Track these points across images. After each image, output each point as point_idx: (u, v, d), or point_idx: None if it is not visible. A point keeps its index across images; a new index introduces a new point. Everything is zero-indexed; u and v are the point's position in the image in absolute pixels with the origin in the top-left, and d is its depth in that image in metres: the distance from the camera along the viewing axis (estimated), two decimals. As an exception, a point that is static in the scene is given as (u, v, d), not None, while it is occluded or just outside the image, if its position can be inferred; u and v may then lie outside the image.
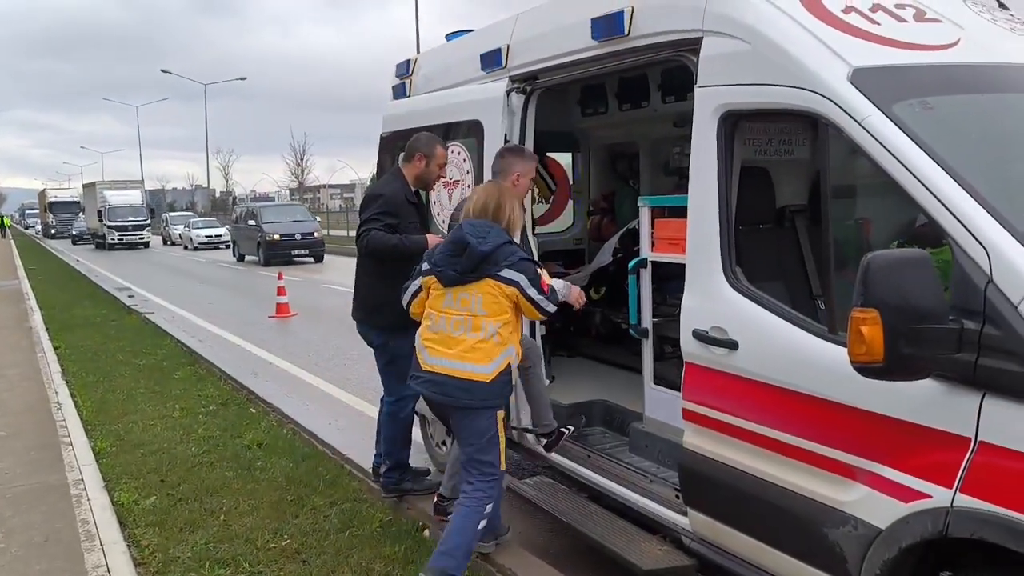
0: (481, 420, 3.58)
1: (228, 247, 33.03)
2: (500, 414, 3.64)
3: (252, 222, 27.42)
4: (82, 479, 5.26)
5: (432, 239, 4.32)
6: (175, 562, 4.15)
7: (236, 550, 4.26)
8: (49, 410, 7.09)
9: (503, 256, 3.49)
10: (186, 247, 38.89)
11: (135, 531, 4.52)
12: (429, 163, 4.68)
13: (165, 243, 44.53)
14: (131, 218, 40.31)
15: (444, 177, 4.85)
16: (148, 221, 41.57)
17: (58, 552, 4.21)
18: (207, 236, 37.98)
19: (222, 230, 38.30)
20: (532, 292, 3.51)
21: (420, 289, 3.70)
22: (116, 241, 39.58)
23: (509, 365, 3.55)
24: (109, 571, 4.00)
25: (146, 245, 40.48)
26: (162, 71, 50.44)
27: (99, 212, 40.61)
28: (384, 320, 4.58)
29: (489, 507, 3.63)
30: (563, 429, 4.30)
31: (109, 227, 39.80)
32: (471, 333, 3.50)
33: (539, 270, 3.61)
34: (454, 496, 4.01)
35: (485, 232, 3.51)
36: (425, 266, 3.67)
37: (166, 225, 46.03)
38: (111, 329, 12.32)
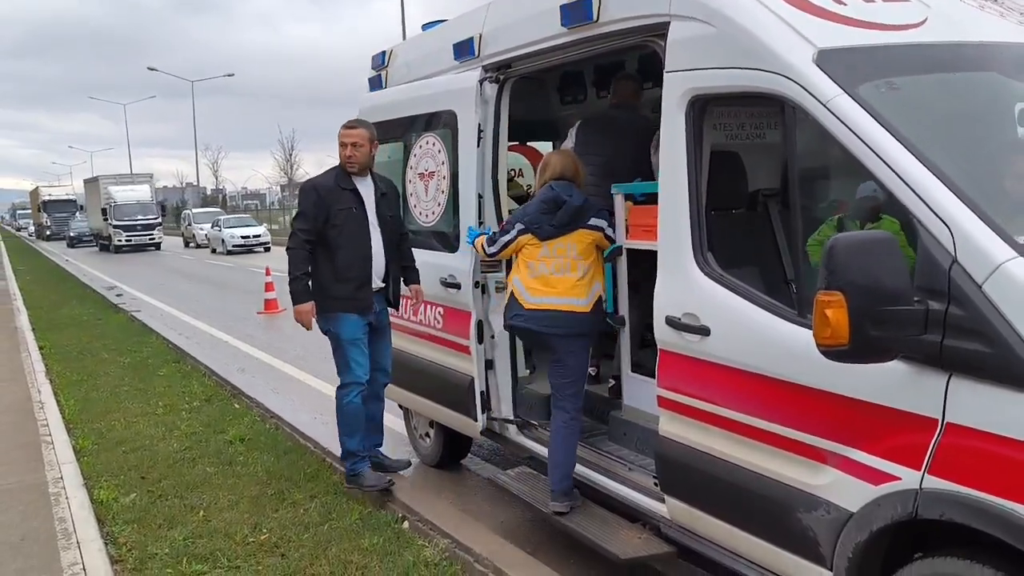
0: (581, 350, 4.11)
1: (268, 250, 30.05)
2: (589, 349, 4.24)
3: None
4: (61, 477, 5.23)
5: (306, 308, 4.70)
6: (152, 559, 4.12)
7: (215, 545, 4.23)
8: (31, 409, 7.05)
9: (589, 209, 4.09)
10: (215, 250, 33.14)
11: (113, 528, 4.50)
12: (341, 149, 4.80)
13: (187, 245, 39.23)
14: (140, 216, 36.23)
15: (349, 154, 4.77)
16: (159, 219, 37.59)
17: (34, 551, 4.17)
18: (243, 237, 32.00)
19: (260, 229, 33.53)
20: (610, 232, 4.10)
21: (512, 241, 4.15)
22: (123, 242, 35.62)
23: (600, 297, 4.08)
24: (85, 569, 3.97)
25: (157, 247, 36.82)
26: (149, 68, 49.69)
27: (103, 210, 36.81)
28: (320, 305, 4.78)
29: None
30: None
31: (116, 227, 35.86)
32: (570, 274, 4.05)
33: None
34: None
35: (571, 192, 4.08)
36: (520, 226, 4.13)
37: (188, 224, 40.16)
38: (97, 328, 12.26)
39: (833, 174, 3.20)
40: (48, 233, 53.15)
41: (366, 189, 4.85)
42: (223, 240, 32.24)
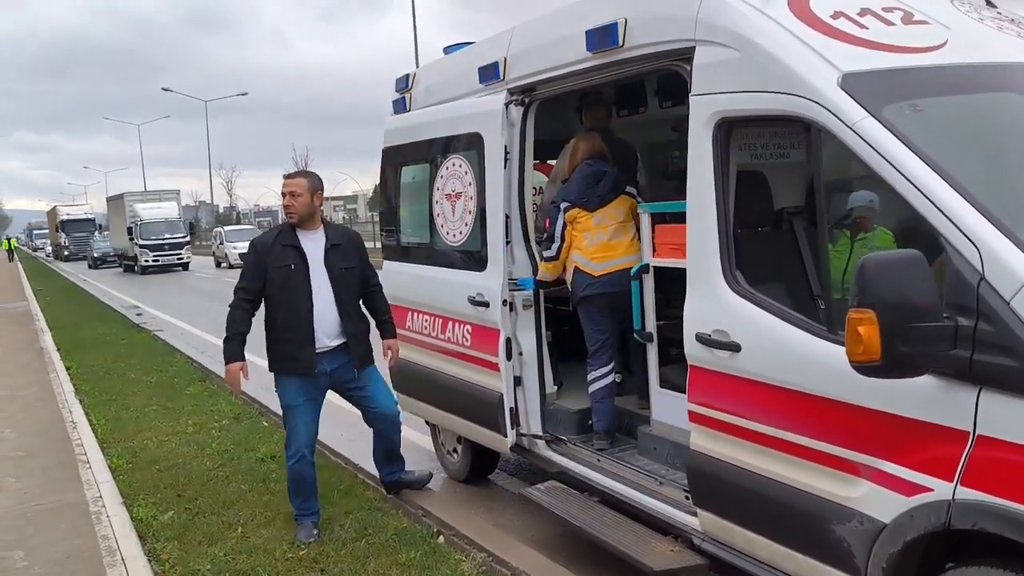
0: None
1: None
2: None
3: None
4: (100, 496, 5.34)
5: (233, 369, 4.59)
6: (196, 574, 4.23)
7: (255, 561, 4.33)
8: (64, 429, 7.19)
9: (621, 179, 4.62)
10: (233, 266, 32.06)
11: (155, 545, 4.61)
12: (283, 199, 4.69)
13: (219, 265, 36.67)
14: (167, 235, 34.93)
15: (292, 206, 4.61)
16: (187, 238, 36.34)
17: (80, 568, 4.29)
18: None
19: None
20: (639, 199, 4.57)
21: (562, 226, 4.56)
22: (150, 262, 34.22)
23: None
24: (131, 586, 4.08)
25: (185, 267, 35.51)
26: (164, 89, 50.25)
27: (129, 229, 35.28)
28: (270, 365, 4.70)
29: None
30: None
31: (142, 246, 34.52)
32: (623, 236, 4.52)
33: None
34: None
35: (605, 166, 4.61)
36: (565, 204, 4.54)
37: (220, 243, 37.00)
38: (121, 348, 12.42)
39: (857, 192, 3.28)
40: (66, 254, 52.05)
41: (312, 243, 4.65)
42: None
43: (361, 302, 4.89)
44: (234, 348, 4.60)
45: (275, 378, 4.71)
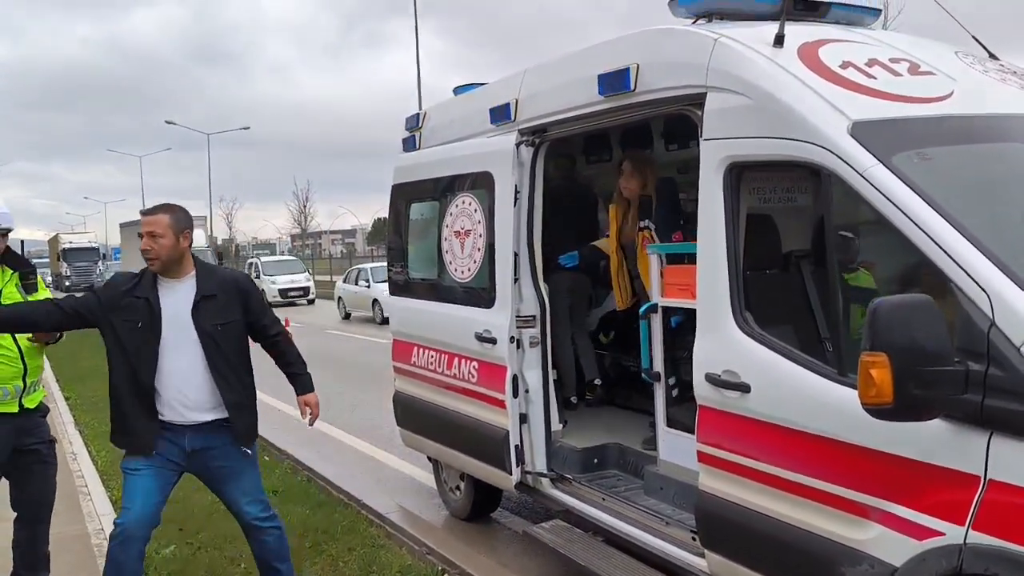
0: None
1: (312, 302, 27.85)
2: None
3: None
4: (102, 528, 5.31)
5: None
6: (198, 611, 4.19)
7: (257, 598, 4.29)
8: (65, 460, 7.12)
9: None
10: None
11: (157, 580, 4.57)
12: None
13: None
14: None
15: (152, 250, 3.69)
16: None
17: (82, 603, 4.25)
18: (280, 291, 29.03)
19: (301, 277, 29.79)
20: None
21: None
22: None
23: None
24: (134, 620, 4.03)
25: None
26: (167, 122, 50.49)
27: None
28: None
29: None
30: None
31: None
32: None
33: None
34: None
35: None
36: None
37: (258, 275, 30.56)
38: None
39: (864, 237, 3.34)
40: (68, 284, 49.19)
41: (174, 296, 3.74)
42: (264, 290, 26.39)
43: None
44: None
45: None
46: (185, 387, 3.72)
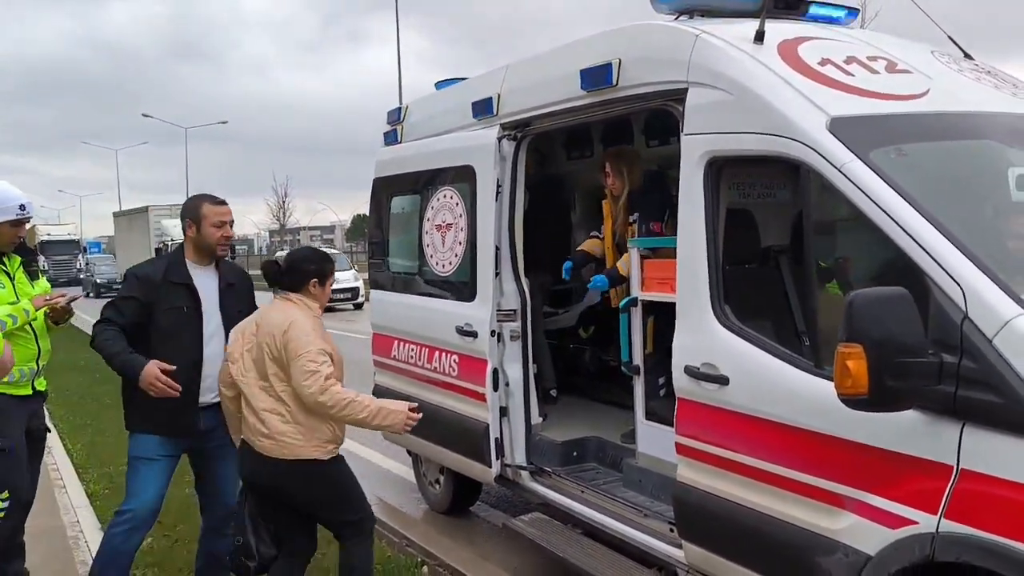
0: None
1: (360, 307, 22.70)
2: None
3: None
4: (78, 521, 5.28)
5: (150, 370, 3.71)
6: (175, 603, 4.17)
7: (235, 590, 4.27)
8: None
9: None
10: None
11: (135, 572, 4.52)
12: (200, 227, 3.91)
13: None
14: None
15: (229, 234, 3.99)
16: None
17: (58, 595, 4.22)
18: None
19: (349, 274, 23.38)
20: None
21: None
22: None
23: None
24: (110, 613, 4.01)
25: None
26: (143, 115, 49.80)
27: (157, 250, 28.65)
28: (125, 419, 4.15)
29: None
30: None
31: None
32: None
33: None
34: None
35: None
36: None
37: None
38: (96, 372, 12.23)
39: (842, 232, 3.39)
40: (46, 278, 49.90)
41: (207, 281, 3.95)
42: None
43: None
44: (133, 358, 3.77)
45: (131, 435, 4.03)
46: (212, 371, 3.86)
